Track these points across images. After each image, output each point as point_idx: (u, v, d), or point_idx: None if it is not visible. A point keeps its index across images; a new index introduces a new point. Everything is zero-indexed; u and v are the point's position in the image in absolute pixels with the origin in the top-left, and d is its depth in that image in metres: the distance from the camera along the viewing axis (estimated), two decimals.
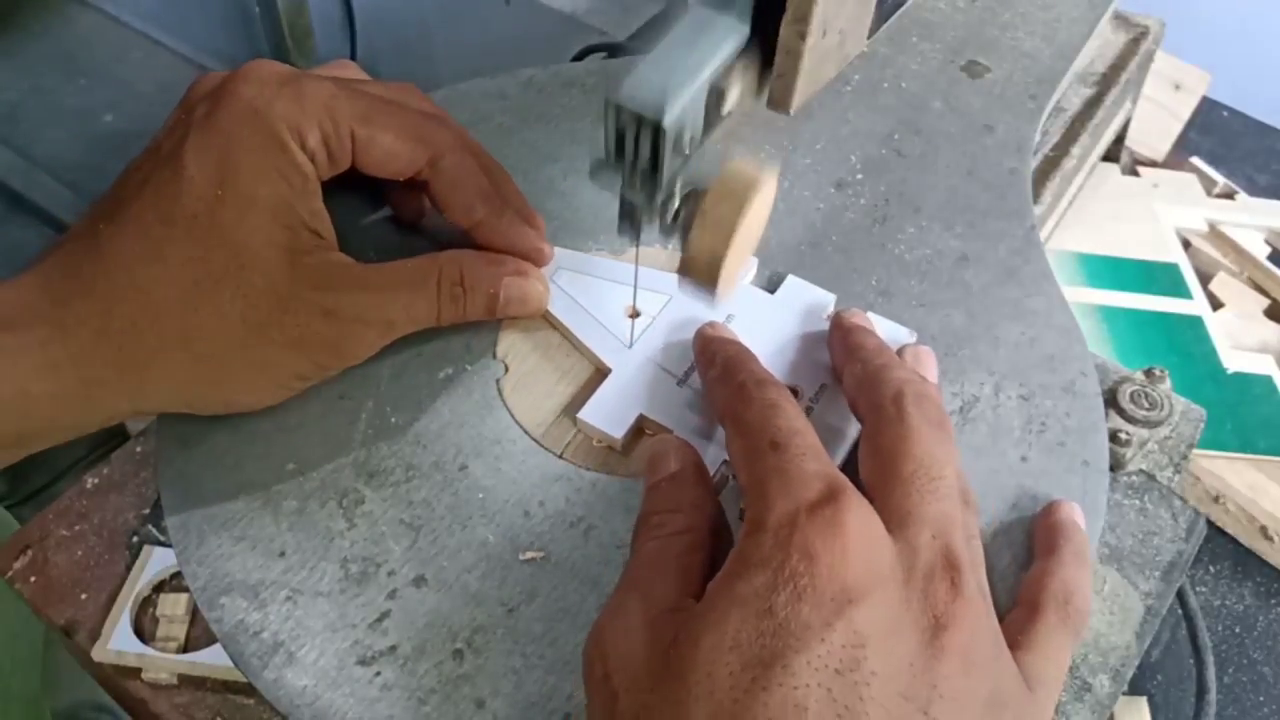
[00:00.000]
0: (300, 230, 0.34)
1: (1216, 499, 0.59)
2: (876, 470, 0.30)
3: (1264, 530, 0.58)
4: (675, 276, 0.35)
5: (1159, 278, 0.70)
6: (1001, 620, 0.30)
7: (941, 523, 0.28)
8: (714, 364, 0.35)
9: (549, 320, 0.40)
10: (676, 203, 0.33)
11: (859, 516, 0.27)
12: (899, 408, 0.31)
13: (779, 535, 0.27)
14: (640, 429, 0.37)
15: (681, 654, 0.26)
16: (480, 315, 0.38)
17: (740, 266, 0.35)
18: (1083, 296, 0.68)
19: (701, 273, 0.33)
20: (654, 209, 0.32)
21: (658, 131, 0.29)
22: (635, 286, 0.39)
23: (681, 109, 0.30)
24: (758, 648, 0.25)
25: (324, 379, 0.36)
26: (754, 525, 0.28)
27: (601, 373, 0.38)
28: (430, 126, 0.37)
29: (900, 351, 0.37)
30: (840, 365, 0.36)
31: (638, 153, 0.30)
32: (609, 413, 0.37)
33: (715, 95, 0.31)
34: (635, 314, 0.39)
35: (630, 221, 0.34)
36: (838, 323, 0.37)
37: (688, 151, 0.32)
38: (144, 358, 0.33)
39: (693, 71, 0.30)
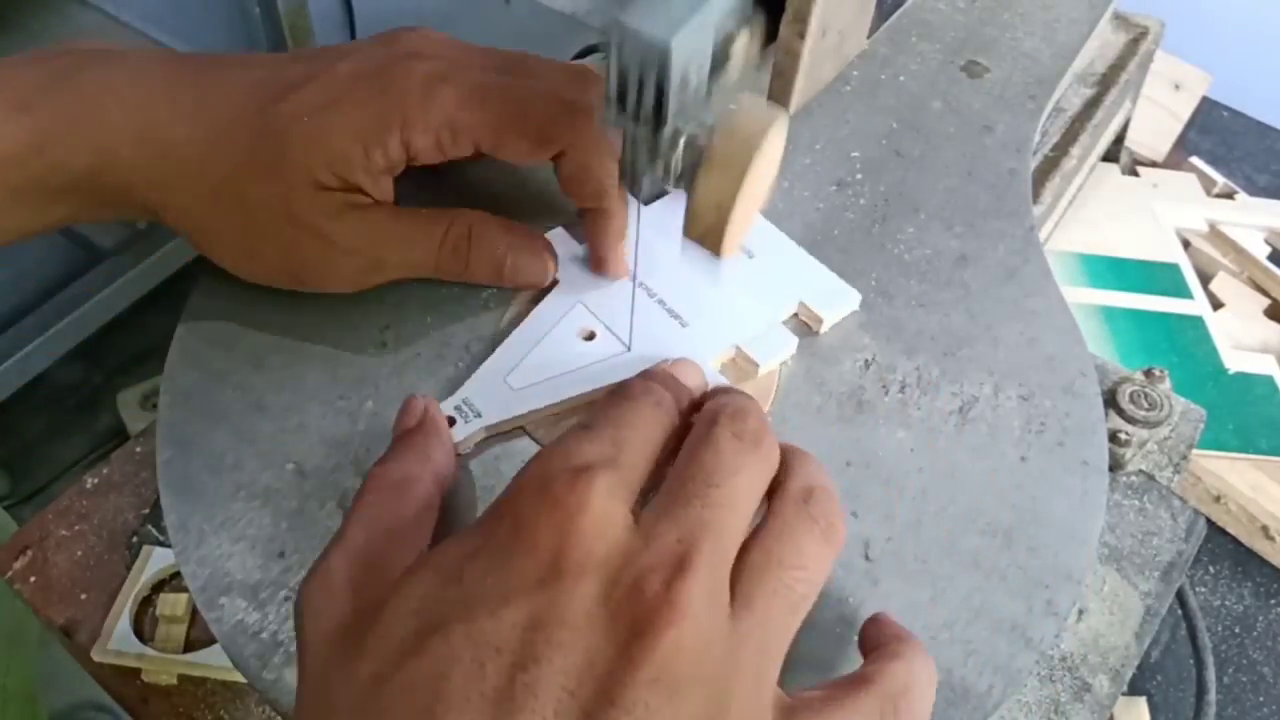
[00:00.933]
0: (347, 179, 0.36)
1: (1218, 499, 0.59)
2: (676, 465, 0.28)
3: (1265, 530, 0.59)
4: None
5: (1160, 278, 0.70)
6: None
7: (693, 528, 0.25)
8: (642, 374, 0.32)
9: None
10: (682, 144, 0.32)
11: (596, 492, 0.25)
12: (709, 425, 0.28)
13: (511, 499, 0.26)
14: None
15: (372, 611, 0.25)
16: (485, 277, 0.39)
17: (748, 222, 0.34)
18: (1084, 297, 0.68)
19: (708, 223, 0.32)
20: (659, 148, 0.31)
21: (664, 56, 0.28)
22: (636, 254, 0.39)
23: (687, 39, 0.29)
24: (435, 613, 0.24)
25: (302, 289, 0.38)
26: (504, 492, 0.26)
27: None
28: (559, 125, 0.37)
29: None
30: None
31: (642, 83, 0.30)
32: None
33: (722, 39, 0.31)
34: (590, 335, 0.39)
35: (634, 167, 0.32)
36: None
37: (693, 90, 0.31)
38: (185, 154, 0.36)
39: (698, 5, 0.29)
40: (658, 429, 0.29)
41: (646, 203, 0.34)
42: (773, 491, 0.28)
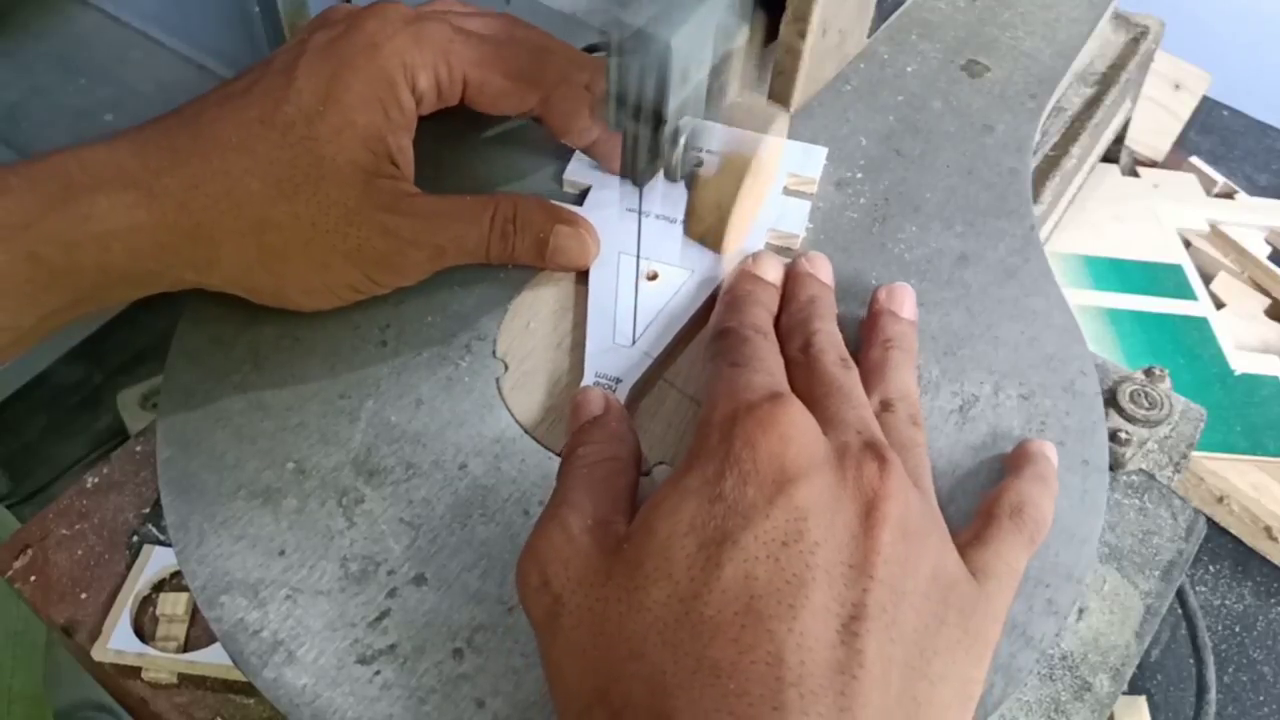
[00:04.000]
0: (383, 159, 0.37)
1: (1220, 499, 0.59)
2: (808, 392, 0.33)
3: (1268, 530, 0.58)
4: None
5: (1163, 279, 0.70)
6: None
7: (862, 424, 0.31)
8: (724, 297, 0.38)
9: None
10: (682, 144, 0.32)
11: (793, 412, 0.30)
12: (807, 355, 0.34)
13: (723, 429, 0.29)
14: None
15: (637, 545, 0.28)
16: (529, 258, 0.40)
17: (749, 222, 0.34)
18: (1089, 299, 0.68)
19: (708, 223, 0.33)
20: (659, 146, 0.31)
21: (664, 54, 0.29)
22: (639, 247, 0.39)
23: (688, 38, 0.29)
24: (711, 529, 0.27)
25: (372, 293, 0.38)
26: (701, 426, 0.30)
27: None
28: (540, 63, 0.39)
29: (878, 288, 0.39)
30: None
31: (643, 81, 0.30)
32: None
33: (721, 34, 0.31)
34: (652, 275, 0.40)
35: (634, 163, 0.33)
36: (793, 267, 0.40)
37: (694, 87, 0.31)
38: (218, 237, 0.35)
39: (698, 4, 0.29)
40: (772, 337, 0.35)
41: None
42: (990, 504, 0.33)
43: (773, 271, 0.39)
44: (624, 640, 0.27)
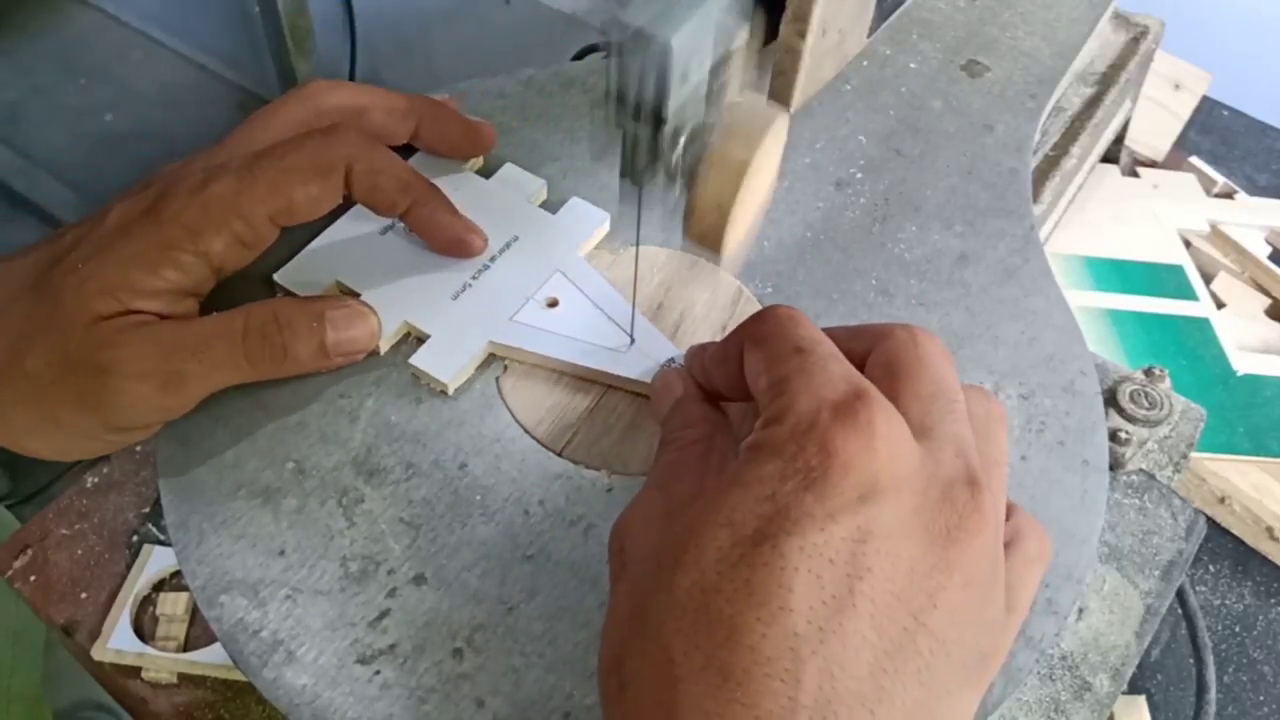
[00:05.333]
0: (130, 301, 0.34)
1: (1222, 500, 0.59)
2: (892, 388, 0.29)
3: (1270, 531, 0.59)
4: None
5: (1165, 280, 0.70)
6: None
7: (962, 443, 0.28)
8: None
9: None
10: (682, 144, 0.32)
11: (887, 418, 0.27)
12: (911, 335, 0.30)
13: (796, 429, 0.27)
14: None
15: (679, 527, 0.27)
16: (309, 358, 0.36)
17: (751, 224, 0.34)
18: (1090, 300, 0.68)
19: (708, 223, 0.32)
20: (659, 146, 0.31)
21: (664, 54, 0.28)
22: (638, 240, 0.38)
23: (687, 38, 0.29)
24: (750, 527, 0.26)
25: (124, 442, 0.36)
26: (772, 419, 0.27)
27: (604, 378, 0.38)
28: (330, 150, 0.36)
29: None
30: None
31: (642, 81, 0.29)
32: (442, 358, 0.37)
33: (721, 34, 0.31)
34: (553, 302, 0.39)
35: (633, 166, 0.32)
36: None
37: (693, 87, 0.30)
38: None
39: (698, 3, 0.29)
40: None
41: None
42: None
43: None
44: (647, 617, 0.26)
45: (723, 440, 0.31)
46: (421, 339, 0.38)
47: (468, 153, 0.43)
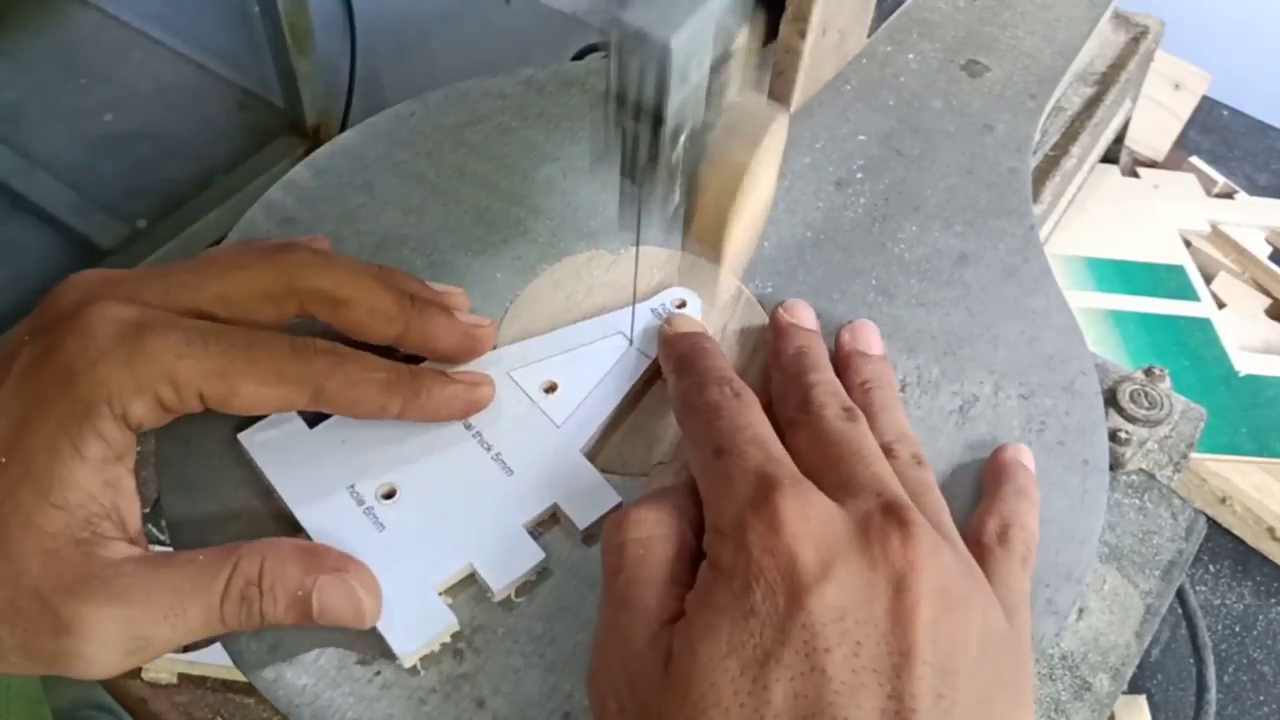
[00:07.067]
0: (78, 510, 0.29)
1: (1223, 500, 0.59)
2: (808, 465, 0.31)
3: (1271, 531, 0.59)
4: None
5: (1166, 280, 0.70)
6: None
7: (879, 484, 0.30)
8: (670, 363, 0.36)
9: None
10: (682, 143, 0.32)
11: (797, 501, 0.28)
12: (807, 414, 0.33)
13: (735, 538, 0.28)
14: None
15: (681, 668, 0.27)
16: (291, 621, 0.31)
17: (753, 225, 0.33)
18: (1091, 301, 0.68)
19: (708, 223, 0.32)
20: (659, 146, 0.31)
21: (664, 55, 0.28)
22: (638, 241, 0.37)
23: (687, 38, 0.29)
24: (750, 649, 0.26)
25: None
26: (712, 531, 0.29)
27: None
28: (298, 366, 0.32)
29: (840, 330, 0.38)
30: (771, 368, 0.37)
31: (642, 82, 0.29)
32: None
33: (721, 34, 0.30)
34: (551, 387, 0.37)
35: (633, 166, 0.32)
36: (773, 321, 0.39)
37: (693, 87, 0.30)
38: None
39: (698, 3, 0.29)
40: (741, 388, 0.33)
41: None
42: (976, 532, 0.33)
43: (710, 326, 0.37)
44: None
45: (685, 536, 0.30)
46: None
47: (459, 362, 0.37)
